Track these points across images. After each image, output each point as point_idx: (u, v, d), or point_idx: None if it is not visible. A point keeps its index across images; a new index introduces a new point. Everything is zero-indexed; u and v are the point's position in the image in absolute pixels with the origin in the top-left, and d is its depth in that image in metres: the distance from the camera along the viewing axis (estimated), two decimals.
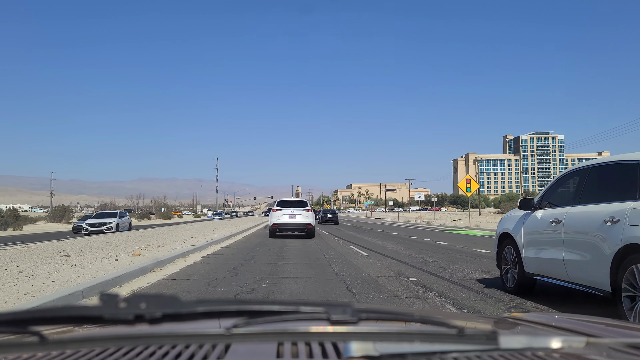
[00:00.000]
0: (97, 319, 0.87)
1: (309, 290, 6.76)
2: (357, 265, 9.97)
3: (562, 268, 5.52)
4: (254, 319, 0.92)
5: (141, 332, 0.92)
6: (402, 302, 6.06)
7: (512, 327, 1.34)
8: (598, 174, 5.45)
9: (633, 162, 4.80)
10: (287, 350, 0.88)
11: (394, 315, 1.09)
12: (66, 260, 10.05)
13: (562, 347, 0.95)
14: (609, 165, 5.31)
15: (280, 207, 19.63)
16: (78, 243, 16.10)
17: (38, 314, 0.92)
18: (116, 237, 20.23)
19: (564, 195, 6.10)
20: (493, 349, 0.91)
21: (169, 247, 13.55)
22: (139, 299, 0.87)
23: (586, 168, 5.66)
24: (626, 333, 1.19)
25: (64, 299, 5.44)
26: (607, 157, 5.60)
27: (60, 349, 0.89)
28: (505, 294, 6.54)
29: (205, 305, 0.90)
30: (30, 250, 13.22)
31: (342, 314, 0.91)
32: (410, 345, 0.89)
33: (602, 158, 5.67)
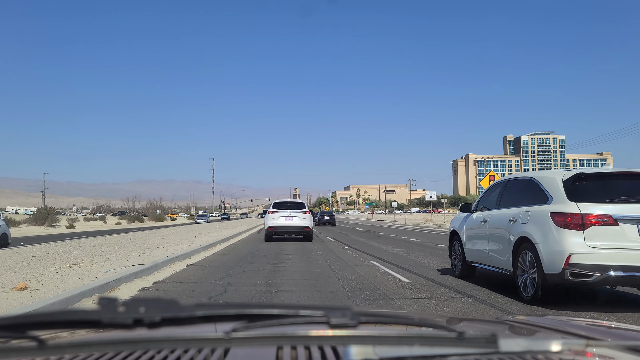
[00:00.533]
0: (95, 323, 0.87)
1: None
2: (404, 305, 6.32)
3: (487, 256, 7.54)
4: (253, 323, 0.93)
5: (140, 337, 0.92)
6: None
7: (512, 330, 1.34)
8: (510, 186, 7.43)
9: (529, 178, 6.83)
10: (287, 354, 0.88)
11: (393, 319, 1.09)
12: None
13: (562, 350, 0.96)
14: (516, 179, 7.41)
15: (276, 209, 18.92)
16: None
17: (36, 319, 0.92)
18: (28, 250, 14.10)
19: (491, 201, 7.87)
20: (493, 352, 0.92)
21: (104, 267, 9.36)
22: (138, 303, 0.87)
23: (505, 181, 7.75)
24: (626, 335, 1.21)
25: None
26: (517, 173, 7.79)
27: (59, 354, 0.90)
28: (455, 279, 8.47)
29: (204, 309, 0.91)
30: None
31: (341, 317, 0.92)
32: (410, 348, 0.90)
33: (515, 174, 7.81)
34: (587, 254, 5.63)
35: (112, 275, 8.11)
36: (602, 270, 5.55)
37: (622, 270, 5.54)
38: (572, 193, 5.97)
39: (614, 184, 6.18)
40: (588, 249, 5.64)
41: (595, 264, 5.58)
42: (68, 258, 11.42)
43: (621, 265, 5.55)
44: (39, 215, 52.95)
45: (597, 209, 5.75)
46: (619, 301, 6.69)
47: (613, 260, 5.57)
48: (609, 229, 5.69)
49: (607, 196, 5.88)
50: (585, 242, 5.67)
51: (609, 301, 6.66)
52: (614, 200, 5.82)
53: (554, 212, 5.93)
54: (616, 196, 5.87)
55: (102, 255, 11.96)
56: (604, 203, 5.79)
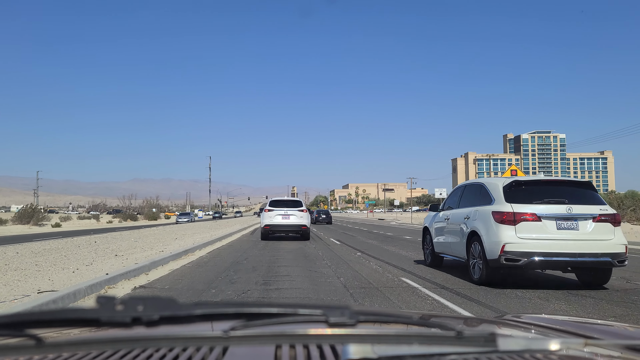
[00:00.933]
0: (94, 321, 0.87)
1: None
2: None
3: (449, 248, 9.16)
4: (252, 322, 0.93)
5: (138, 335, 0.92)
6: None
7: (511, 329, 1.35)
8: (467, 189, 9.08)
9: (480, 183, 8.53)
10: (285, 353, 0.89)
11: (392, 318, 1.10)
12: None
13: (561, 349, 0.96)
14: (472, 184, 9.03)
15: (273, 207, 18.59)
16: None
17: (35, 317, 0.93)
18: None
19: (453, 202, 9.40)
20: (491, 351, 0.92)
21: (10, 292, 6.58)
22: (137, 302, 0.88)
23: (464, 185, 9.49)
24: (625, 334, 1.21)
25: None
26: (473, 179, 9.58)
27: (57, 352, 0.90)
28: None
29: (202, 307, 0.91)
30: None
31: (340, 316, 0.92)
32: (408, 347, 0.90)
33: (471, 180, 9.43)
34: (517, 244, 7.15)
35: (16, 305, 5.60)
36: (528, 256, 7.10)
37: (543, 256, 7.11)
38: (508, 196, 7.52)
39: (540, 189, 7.68)
40: (518, 240, 7.16)
41: (523, 251, 7.13)
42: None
43: (542, 252, 7.11)
44: (23, 213, 49.62)
45: (526, 208, 7.28)
46: (547, 281, 8.26)
47: (536, 248, 7.12)
48: (534, 224, 7.21)
49: (534, 198, 7.42)
50: (516, 234, 7.19)
51: (539, 281, 8.21)
52: (539, 202, 7.35)
53: (494, 211, 7.48)
54: (541, 199, 7.40)
55: (16, 271, 8.74)
56: (531, 204, 7.33)
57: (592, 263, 7.23)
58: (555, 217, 7.20)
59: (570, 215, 7.23)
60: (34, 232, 37.51)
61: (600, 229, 7.27)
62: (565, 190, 7.65)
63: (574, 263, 7.25)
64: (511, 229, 7.22)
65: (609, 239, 7.26)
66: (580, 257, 7.13)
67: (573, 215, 7.24)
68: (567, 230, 7.21)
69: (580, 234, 7.21)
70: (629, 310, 5.97)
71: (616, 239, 7.29)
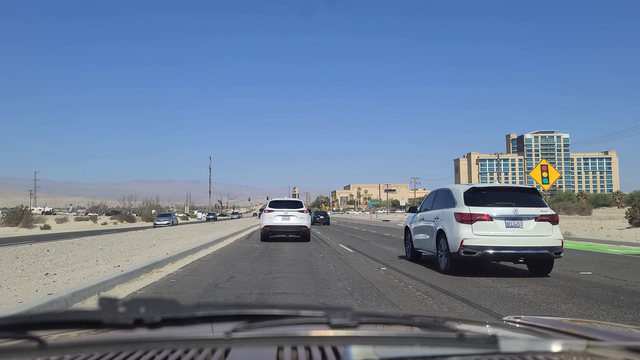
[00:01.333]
0: (96, 323, 0.88)
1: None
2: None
3: (424, 244, 10.56)
4: (254, 323, 0.94)
5: (140, 337, 0.93)
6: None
7: (513, 330, 1.35)
8: (439, 194, 10.40)
9: (447, 189, 9.91)
10: (287, 355, 0.89)
11: (394, 319, 1.10)
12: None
13: (563, 351, 0.97)
14: (442, 189, 10.32)
15: (273, 207, 18.47)
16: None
17: (37, 319, 0.93)
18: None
19: (428, 204, 10.84)
20: (493, 352, 0.93)
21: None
22: (139, 303, 0.88)
23: (437, 190, 10.74)
24: (627, 336, 1.22)
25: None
26: (444, 185, 10.52)
27: (59, 354, 0.90)
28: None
29: (204, 309, 0.92)
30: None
31: (342, 317, 0.93)
32: (410, 349, 0.91)
33: (444, 186, 10.50)
34: (473, 239, 8.61)
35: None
36: (482, 250, 8.57)
37: (494, 249, 8.56)
38: (468, 200, 8.99)
39: (494, 194, 9.16)
40: (474, 236, 8.62)
41: (478, 245, 8.58)
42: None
43: (494, 246, 8.55)
44: (13, 215, 47.65)
45: (481, 210, 8.74)
46: (501, 270, 9.65)
47: (489, 243, 8.57)
48: (487, 223, 8.67)
49: (488, 202, 8.90)
50: (473, 231, 8.65)
51: (494, 270, 9.58)
52: (491, 205, 8.83)
53: (456, 212, 8.95)
54: (493, 202, 8.90)
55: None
56: (485, 206, 8.80)
57: (534, 255, 8.69)
58: (504, 217, 8.68)
59: (516, 216, 8.69)
60: (13, 235, 34.46)
61: (541, 227, 8.71)
62: (514, 195, 9.13)
63: (520, 255, 8.73)
64: (469, 227, 8.69)
65: (548, 235, 8.68)
66: (524, 250, 8.60)
67: (519, 215, 8.70)
68: (513, 228, 8.66)
69: (525, 231, 8.64)
70: (555, 290, 7.39)
71: (554, 235, 8.73)
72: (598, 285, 7.80)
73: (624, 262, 11.23)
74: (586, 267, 10.13)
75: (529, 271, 9.30)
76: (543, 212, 8.79)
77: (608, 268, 10.05)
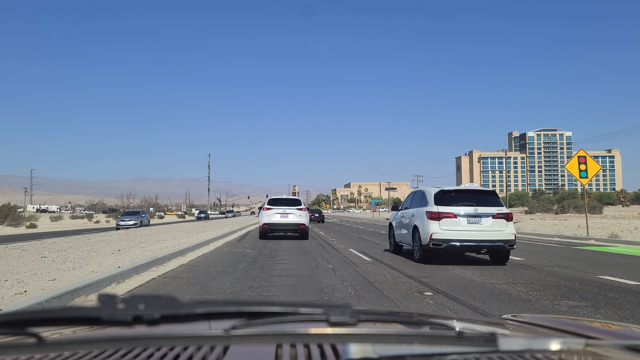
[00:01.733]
0: (95, 320, 0.88)
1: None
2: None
3: (403, 237, 12.12)
4: (253, 321, 0.94)
5: (139, 334, 0.93)
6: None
7: (511, 329, 1.36)
8: (416, 194, 11.91)
9: (422, 191, 11.42)
10: (286, 352, 0.90)
11: (393, 317, 1.11)
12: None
13: (561, 349, 0.97)
14: (419, 191, 11.88)
15: (271, 205, 18.72)
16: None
17: (36, 315, 0.94)
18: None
19: (408, 204, 12.37)
20: (492, 350, 0.93)
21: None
22: (138, 300, 0.89)
23: (414, 191, 12.41)
24: (625, 335, 1.22)
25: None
26: (421, 187, 12.84)
27: (58, 351, 0.91)
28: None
29: (203, 306, 0.92)
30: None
31: (341, 315, 0.93)
32: (409, 347, 0.91)
33: (419, 187, 12.63)
34: (440, 233, 10.11)
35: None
36: (447, 242, 10.09)
37: (457, 242, 10.09)
38: (437, 200, 10.48)
39: (459, 195, 10.60)
40: (441, 231, 10.12)
41: (444, 239, 10.11)
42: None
43: (457, 239, 10.09)
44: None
45: (447, 209, 10.24)
46: (467, 260, 11.16)
47: (453, 236, 10.10)
48: (452, 220, 10.17)
49: (454, 202, 10.39)
50: (440, 227, 10.14)
51: (461, 260, 11.05)
52: (456, 204, 10.33)
53: (427, 211, 10.46)
54: (458, 202, 10.38)
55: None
56: (451, 206, 10.30)
57: (491, 247, 10.22)
58: (466, 215, 10.21)
59: (476, 214, 10.22)
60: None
61: (497, 223, 10.21)
62: (476, 197, 10.60)
63: (480, 247, 10.29)
64: (437, 223, 10.20)
65: (503, 230, 10.18)
66: (483, 242, 10.15)
67: (478, 213, 10.23)
68: (474, 224, 10.20)
69: (483, 227, 10.18)
70: (504, 274, 8.94)
71: (508, 230, 10.25)
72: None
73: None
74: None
75: (490, 260, 10.78)
76: (499, 211, 10.31)
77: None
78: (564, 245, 16.23)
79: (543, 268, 9.67)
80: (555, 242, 17.87)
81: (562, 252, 13.55)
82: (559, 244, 16.57)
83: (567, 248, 14.89)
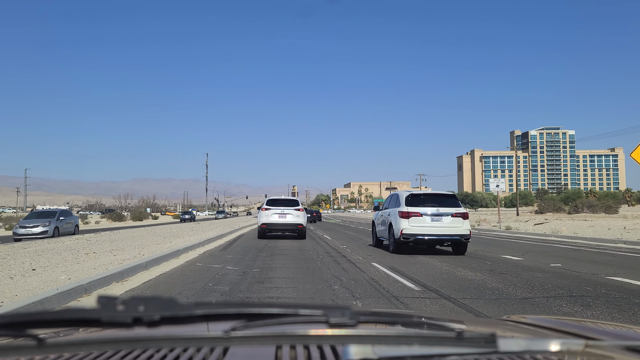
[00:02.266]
0: (94, 321, 0.89)
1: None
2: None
3: (382, 233, 14.33)
4: (253, 322, 0.95)
5: (139, 335, 0.94)
6: None
7: (511, 330, 1.37)
8: (393, 197, 14.19)
9: (397, 194, 13.94)
10: (286, 353, 0.91)
11: (392, 318, 1.12)
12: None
13: (561, 350, 0.98)
14: (395, 194, 14.13)
15: (269, 206, 19.43)
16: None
17: (35, 317, 0.95)
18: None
19: (387, 205, 14.60)
20: (492, 351, 0.94)
21: None
22: (137, 302, 0.89)
23: (392, 195, 14.47)
24: (625, 335, 1.23)
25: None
26: (397, 191, 14.64)
27: (58, 352, 0.92)
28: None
29: (203, 308, 0.93)
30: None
31: (340, 316, 0.94)
32: (409, 348, 0.92)
33: (395, 192, 14.75)
34: (409, 229, 12.48)
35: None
36: (415, 236, 12.44)
37: (423, 236, 12.43)
38: (408, 202, 12.91)
39: (426, 198, 13.16)
40: (409, 227, 12.48)
41: (412, 233, 12.45)
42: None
43: (423, 234, 12.43)
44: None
45: (415, 209, 12.61)
46: (434, 251, 13.64)
47: (419, 232, 12.45)
48: (419, 218, 12.52)
49: (421, 204, 12.81)
50: (409, 224, 12.50)
51: (429, 251, 13.68)
52: (422, 205, 12.73)
53: (399, 211, 12.81)
54: (424, 204, 12.82)
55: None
56: (418, 207, 12.68)
57: (451, 240, 12.63)
58: (430, 214, 12.58)
59: (438, 213, 12.59)
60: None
61: (455, 221, 12.56)
62: (439, 199, 13.07)
63: (442, 240, 12.68)
64: (406, 221, 12.55)
65: (460, 226, 12.54)
66: (444, 236, 12.54)
67: (440, 213, 12.59)
68: (436, 222, 12.55)
69: (444, 224, 12.52)
70: (458, 261, 11.13)
71: (464, 227, 12.59)
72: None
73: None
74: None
75: (452, 251, 13.17)
76: (457, 211, 12.68)
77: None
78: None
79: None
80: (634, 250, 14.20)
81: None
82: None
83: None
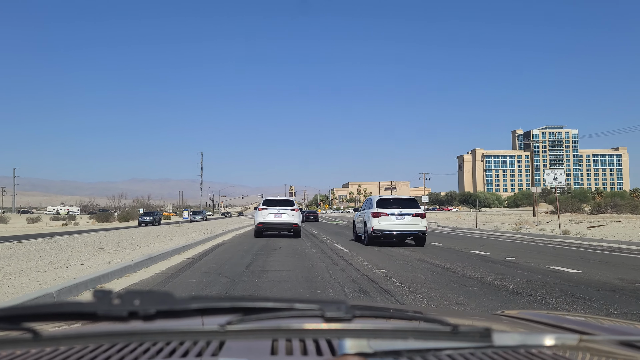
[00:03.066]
0: (90, 315, 0.90)
1: None
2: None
3: (360, 230, 18.34)
4: (248, 316, 0.96)
5: (135, 329, 0.95)
6: None
7: (506, 324, 1.39)
8: (367, 200, 18.41)
9: (370, 198, 18.01)
10: (282, 347, 0.93)
11: (388, 313, 1.14)
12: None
13: (556, 345, 1.00)
14: (370, 198, 18.09)
15: (266, 206, 20.51)
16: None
17: (31, 310, 0.97)
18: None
19: (364, 206, 18.21)
20: (487, 346, 0.96)
21: None
22: (133, 296, 0.91)
23: (367, 198, 18.51)
24: (619, 330, 1.26)
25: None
26: (372, 195, 18.72)
27: (54, 345, 0.94)
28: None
29: (199, 302, 0.94)
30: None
31: (336, 311, 0.95)
32: (404, 342, 0.94)
33: (370, 196, 19.69)
34: (379, 226, 15.99)
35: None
36: (383, 232, 16.02)
37: (389, 231, 16.03)
38: (378, 204, 16.47)
39: (392, 201, 16.70)
40: (378, 224, 16.00)
41: (381, 229, 15.99)
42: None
43: (389, 229, 16.02)
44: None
45: (383, 210, 16.15)
46: (404, 244, 16.71)
47: (386, 228, 16.01)
48: (386, 217, 16.06)
49: (388, 206, 16.39)
50: (378, 222, 16.00)
51: (398, 244, 16.70)
52: (389, 208, 16.28)
53: (371, 212, 16.29)
54: (391, 206, 16.35)
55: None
56: (386, 208, 16.24)
57: (412, 234, 16.11)
58: (395, 214, 16.10)
59: (401, 213, 16.11)
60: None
61: (415, 220, 16.08)
62: (403, 202, 16.71)
63: (405, 235, 16.23)
64: (377, 220, 16.03)
65: (419, 224, 16.02)
66: (406, 231, 16.09)
67: (403, 213, 16.13)
68: (400, 220, 16.06)
69: (406, 222, 16.06)
70: (420, 252, 13.83)
71: (422, 224, 16.05)
72: None
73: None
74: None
75: (414, 244, 16.48)
76: (416, 212, 16.26)
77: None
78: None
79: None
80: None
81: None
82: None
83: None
